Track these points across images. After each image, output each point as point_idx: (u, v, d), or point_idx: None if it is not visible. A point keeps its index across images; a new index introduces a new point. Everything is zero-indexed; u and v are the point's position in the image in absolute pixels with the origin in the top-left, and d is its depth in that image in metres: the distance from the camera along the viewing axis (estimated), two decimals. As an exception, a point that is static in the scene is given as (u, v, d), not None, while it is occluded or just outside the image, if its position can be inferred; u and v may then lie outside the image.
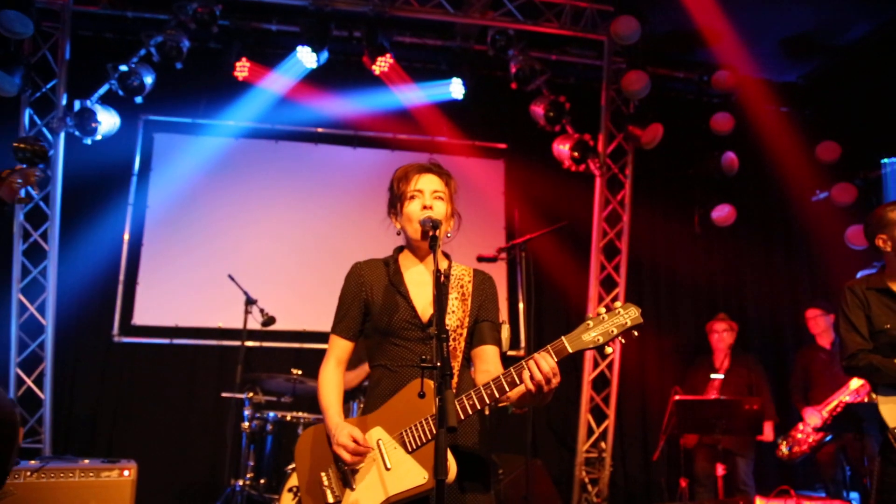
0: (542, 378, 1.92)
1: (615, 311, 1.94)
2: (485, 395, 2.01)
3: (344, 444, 2.09)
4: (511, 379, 1.99)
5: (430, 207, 2.23)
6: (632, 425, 6.62)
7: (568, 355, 1.94)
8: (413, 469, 2.02)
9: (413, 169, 2.33)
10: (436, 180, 2.31)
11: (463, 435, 2.16)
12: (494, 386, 2.01)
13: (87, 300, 5.98)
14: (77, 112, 5.57)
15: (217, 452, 5.65)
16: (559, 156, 6.33)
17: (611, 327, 1.92)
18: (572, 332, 1.95)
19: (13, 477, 3.89)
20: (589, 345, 1.92)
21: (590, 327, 1.93)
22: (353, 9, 5.94)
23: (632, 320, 1.92)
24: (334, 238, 6.32)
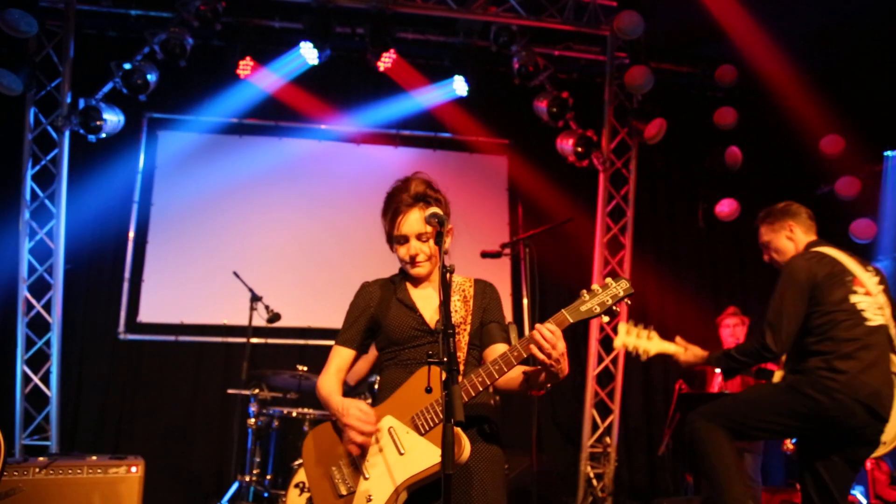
0: (547, 345, 1.99)
1: (608, 285, 2.08)
2: (493, 371, 2.08)
3: (356, 417, 2.12)
4: (517, 353, 2.06)
5: (415, 255, 2.32)
6: (636, 420, 6.64)
7: (569, 325, 2.05)
8: (428, 449, 2.05)
9: (395, 208, 2.33)
10: (416, 219, 2.30)
11: (475, 406, 2.20)
12: (502, 361, 2.07)
13: (92, 298, 6.03)
14: (81, 110, 5.59)
15: (223, 448, 5.68)
16: (562, 151, 6.33)
17: (605, 298, 2.06)
18: (570, 305, 2.07)
19: (21, 473, 3.91)
20: (587, 314, 2.05)
21: (586, 300, 2.07)
22: (356, 5, 5.94)
23: (623, 290, 2.07)
24: (338, 234, 6.33)
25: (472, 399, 2.09)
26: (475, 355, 2.35)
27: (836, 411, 3.06)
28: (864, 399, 3.04)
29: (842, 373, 3.08)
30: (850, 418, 3.05)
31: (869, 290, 3.27)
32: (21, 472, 3.92)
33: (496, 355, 2.19)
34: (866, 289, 3.27)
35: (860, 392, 3.05)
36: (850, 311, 3.21)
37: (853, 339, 3.15)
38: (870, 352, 3.13)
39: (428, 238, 2.32)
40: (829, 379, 3.09)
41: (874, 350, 3.15)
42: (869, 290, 3.27)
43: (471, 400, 2.09)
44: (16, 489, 3.81)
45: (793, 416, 3.15)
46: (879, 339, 3.19)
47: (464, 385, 2.08)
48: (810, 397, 3.10)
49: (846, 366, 3.10)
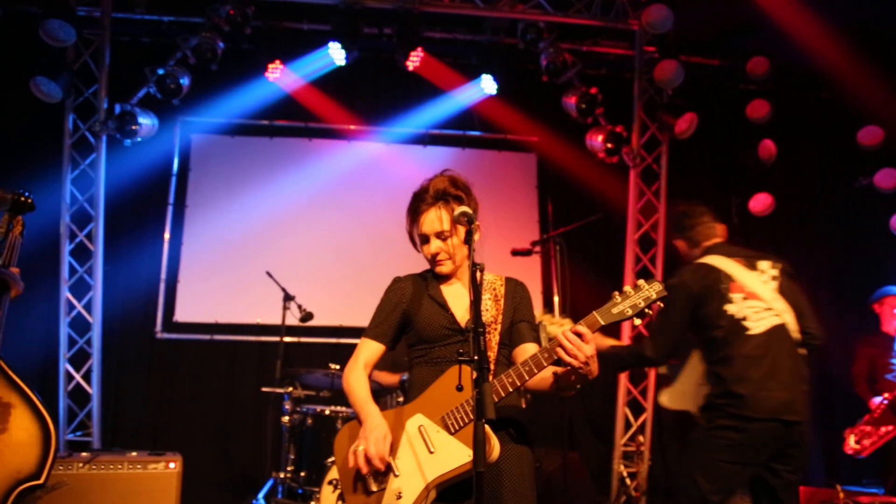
0: (574, 349, 1.98)
1: (640, 287, 2.07)
2: (523, 372, 2.08)
3: (375, 445, 2.12)
4: (547, 355, 2.06)
5: (436, 254, 2.34)
6: (670, 418, 6.55)
7: (600, 327, 2.05)
8: (458, 449, 2.07)
9: (415, 207, 2.36)
10: (435, 219, 2.32)
11: (504, 408, 2.20)
12: (532, 362, 2.08)
13: (131, 298, 6.17)
14: (118, 115, 5.73)
15: (258, 446, 5.77)
16: (592, 148, 6.28)
17: (637, 300, 2.04)
18: (602, 307, 2.07)
19: (66, 468, 4.04)
20: (618, 317, 2.05)
21: (618, 302, 2.06)
22: (383, 6, 5.97)
23: (656, 293, 2.05)
24: (369, 233, 6.37)
25: (501, 400, 2.09)
26: (505, 354, 2.35)
27: (754, 431, 2.99)
28: (772, 414, 2.98)
29: (739, 396, 3.02)
30: (768, 433, 3.00)
31: (752, 293, 3.17)
32: (66, 466, 4.05)
33: (526, 355, 2.19)
34: (747, 292, 3.17)
35: (764, 409, 2.99)
36: (729, 323, 3.13)
37: (741, 357, 3.08)
38: (760, 364, 3.05)
39: (448, 236, 2.32)
40: (731, 406, 3.04)
41: (765, 360, 3.05)
42: (752, 293, 3.17)
43: (500, 401, 2.09)
44: (61, 483, 3.94)
45: (730, 452, 3.05)
46: (770, 345, 3.09)
47: (493, 386, 2.08)
48: (725, 427, 3.05)
49: (742, 388, 3.03)
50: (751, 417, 2.99)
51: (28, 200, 2.68)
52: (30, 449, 2.33)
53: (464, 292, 2.39)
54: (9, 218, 2.66)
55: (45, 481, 2.32)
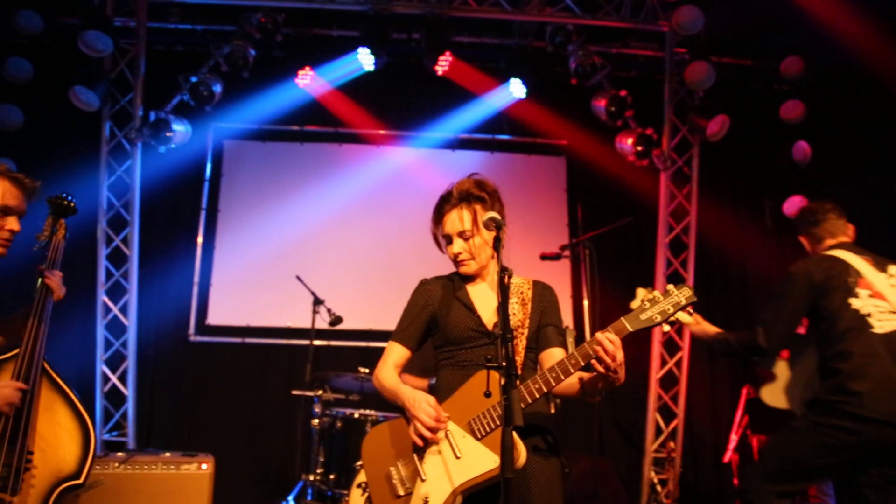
0: (606, 356, 1.97)
1: (669, 292, 2.06)
2: (550, 379, 2.07)
3: (426, 412, 2.15)
4: (575, 361, 2.05)
5: (458, 254, 2.36)
6: (702, 425, 6.46)
7: (628, 334, 2.03)
8: (484, 455, 2.06)
9: (439, 208, 2.39)
10: (456, 219, 2.34)
11: (532, 415, 2.20)
12: (559, 369, 2.07)
13: (165, 301, 6.29)
14: (152, 123, 5.86)
15: (288, 448, 5.82)
16: (622, 151, 6.24)
17: (666, 306, 2.03)
18: (630, 313, 2.05)
19: (103, 467, 4.13)
20: (647, 323, 2.03)
21: (646, 308, 2.04)
22: (411, 11, 6.01)
23: (686, 298, 2.04)
24: (398, 237, 6.40)
25: (528, 406, 2.08)
26: (532, 358, 2.35)
27: (865, 434, 2.90)
28: (887, 417, 2.88)
29: (856, 394, 2.93)
30: (880, 436, 2.90)
31: (879, 292, 3.08)
32: (102, 466, 4.15)
33: (553, 361, 2.19)
34: (874, 290, 3.09)
35: (881, 410, 2.89)
36: (852, 318, 3.04)
37: (861, 353, 2.98)
38: (881, 364, 2.95)
39: (470, 236, 2.33)
40: (846, 403, 2.95)
41: (886, 361, 2.95)
42: (879, 292, 3.08)
43: (527, 407, 2.08)
44: (98, 482, 4.03)
45: (830, 453, 2.98)
46: (893, 347, 2.99)
47: (520, 392, 2.08)
48: (835, 427, 2.96)
49: (860, 386, 2.93)
50: (866, 417, 2.90)
51: (71, 204, 2.75)
52: (70, 449, 2.39)
53: (491, 294, 2.39)
54: (52, 222, 2.73)
55: (84, 481, 2.37)
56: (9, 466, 2.23)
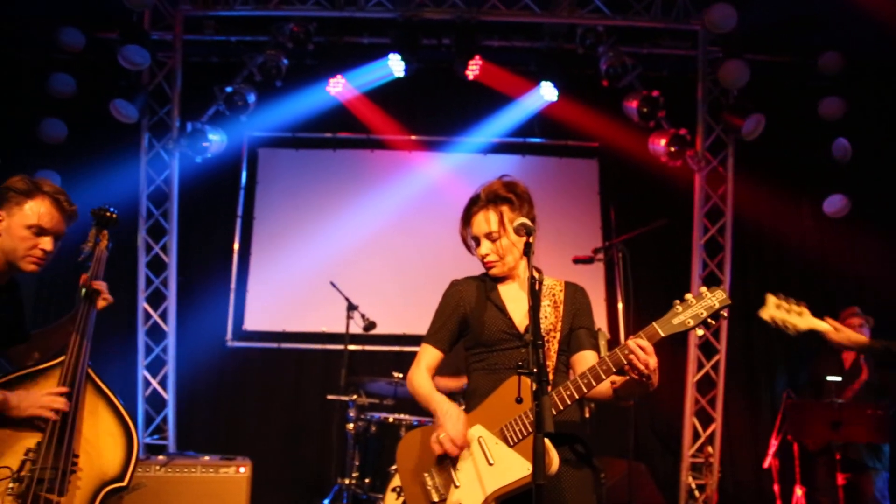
0: (639, 363, 1.95)
1: (702, 295, 2.01)
2: (582, 385, 2.06)
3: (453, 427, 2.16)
4: (606, 367, 2.03)
5: (485, 255, 2.35)
6: (740, 429, 6.34)
7: (660, 339, 1.99)
8: (516, 462, 2.05)
9: (466, 210, 2.40)
10: (483, 221, 2.34)
11: (564, 423, 2.17)
12: (591, 375, 2.05)
13: (203, 307, 6.41)
14: (189, 133, 5.99)
15: (324, 452, 5.88)
16: (655, 152, 6.17)
17: (700, 310, 1.99)
18: (662, 317, 2.02)
19: (145, 470, 4.23)
20: (680, 328, 1.99)
21: (679, 312, 2.01)
22: (441, 17, 6.04)
23: (720, 302, 1.99)
24: (430, 242, 6.42)
25: (559, 413, 2.07)
26: (563, 361, 2.33)
27: None
28: None
29: None
30: None
31: None
32: (144, 469, 4.26)
33: (584, 363, 2.17)
34: None
35: None
36: None
37: None
38: None
39: (497, 237, 2.32)
40: None
41: None
42: None
43: (559, 414, 2.06)
44: (140, 484, 4.13)
45: None
46: None
47: (552, 398, 2.07)
48: None
49: None
50: None
51: (113, 216, 2.83)
52: (114, 452, 2.45)
53: (522, 296, 2.36)
54: (95, 232, 2.81)
55: (128, 483, 2.43)
56: (56, 469, 2.30)
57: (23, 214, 2.47)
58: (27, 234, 2.47)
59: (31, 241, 2.48)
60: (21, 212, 2.47)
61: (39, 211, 2.49)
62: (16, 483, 2.26)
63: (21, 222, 2.47)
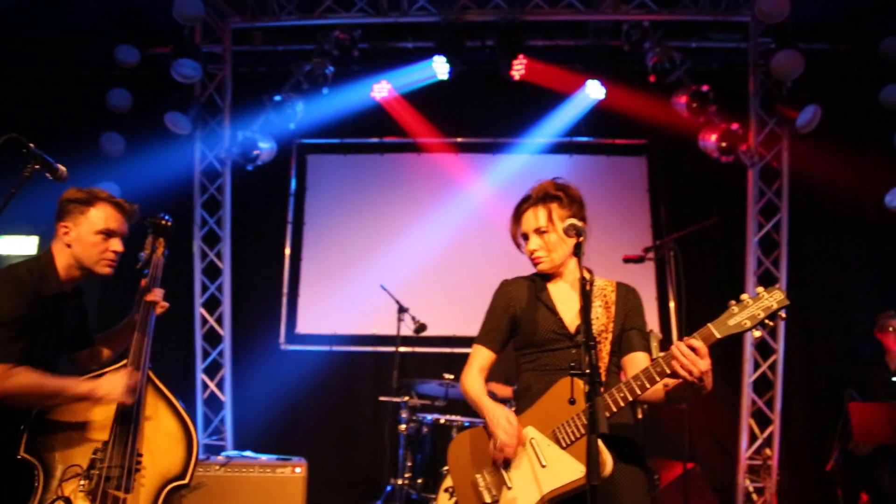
0: (690, 364, 1.92)
1: (760, 296, 1.95)
2: (635, 387, 2.04)
3: (504, 429, 2.17)
4: (660, 369, 2.00)
5: (534, 251, 2.37)
6: (800, 431, 6.13)
7: (716, 341, 1.95)
8: (570, 464, 2.05)
9: (518, 207, 2.43)
10: (532, 217, 2.37)
11: (617, 426, 2.16)
12: (644, 377, 2.03)
13: (256, 311, 6.57)
14: (240, 142, 6.15)
15: (377, 452, 5.95)
16: (706, 147, 6.03)
17: (757, 311, 1.93)
18: (717, 318, 1.97)
19: (205, 470, 4.36)
20: (736, 329, 1.94)
21: (734, 313, 1.96)
22: (485, 18, 6.04)
23: (777, 302, 1.93)
24: (479, 243, 6.41)
25: (613, 416, 2.05)
26: (615, 362, 2.32)
27: None
28: None
29: None
30: None
31: None
32: (205, 469, 4.39)
33: (636, 365, 2.15)
34: None
35: None
36: None
37: None
38: None
39: (545, 231, 2.33)
40: None
41: None
42: None
43: (612, 417, 2.05)
44: (201, 484, 4.26)
45: None
46: None
47: (605, 400, 2.05)
48: None
49: None
50: None
51: (168, 223, 2.95)
52: (176, 451, 2.55)
53: (573, 295, 2.36)
54: (152, 240, 2.93)
55: (189, 481, 2.52)
56: (121, 468, 2.40)
57: (89, 222, 2.60)
58: (98, 240, 2.60)
59: (103, 244, 2.61)
60: (87, 220, 2.60)
61: (104, 215, 2.62)
62: (86, 480, 2.37)
63: (90, 229, 2.59)
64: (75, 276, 2.62)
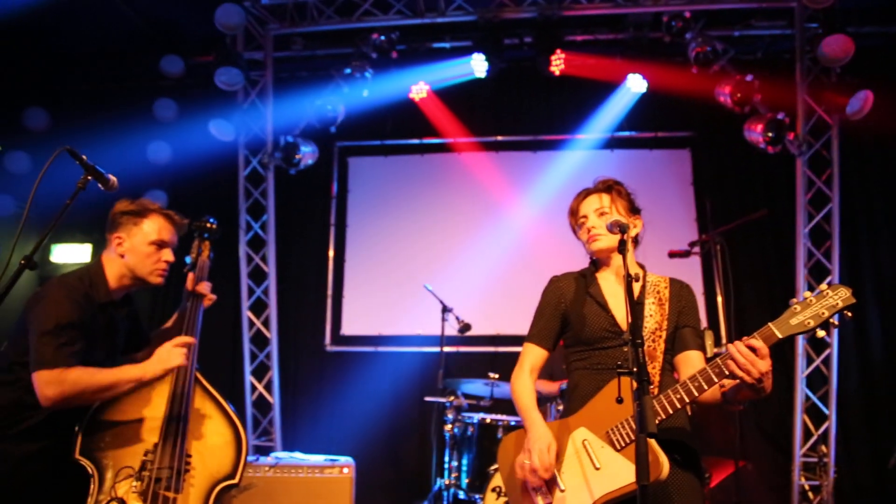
0: (749, 363, 1.86)
1: (823, 294, 1.88)
2: (692, 388, 1.98)
3: (539, 458, 2.13)
4: (718, 370, 1.94)
5: (592, 228, 2.34)
6: (858, 427, 5.92)
7: (777, 341, 1.88)
8: (625, 467, 1.99)
9: (576, 198, 2.44)
10: (595, 199, 2.38)
11: (672, 429, 2.12)
12: (702, 378, 1.97)
13: (302, 314, 6.67)
14: (282, 147, 6.24)
15: (423, 452, 5.97)
16: (751, 138, 5.87)
17: (821, 310, 1.86)
18: (778, 318, 1.90)
19: (254, 471, 4.44)
20: (798, 329, 1.87)
21: (797, 311, 1.88)
22: (523, 15, 6.00)
23: (843, 301, 1.86)
24: (521, 241, 6.38)
25: (669, 418, 2.00)
26: (669, 360, 2.27)
27: None
28: None
29: None
30: None
31: None
32: (254, 470, 4.47)
33: (689, 363, 2.10)
34: None
35: None
36: None
37: None
38: None
39: (605, 212, 2.33)
40: None
41: None
42: None
43: (669, 418, 1.99)
44: (251, 485, 4.34)
45: None
46: None
47: (660, 402, 2.01)
48: None
49: None
50: None
51: (213, 226, 3.02)
52: (225, 452, 2.59)
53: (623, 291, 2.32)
54: (198, 244, 3.00)
55: (239, 481, 2.57)
56: (171, 469, 2.46)
57: (143, 233, 2.67)
58: (151, 250, 2.68)
59: (156, 255, 2.69)
60: (140, 231, 2.67)
61: (157, 227, 2.70)
62: (138, 482, 2.43)
63: (143, 240, 2.67)
64: (126, 285, 2.70)
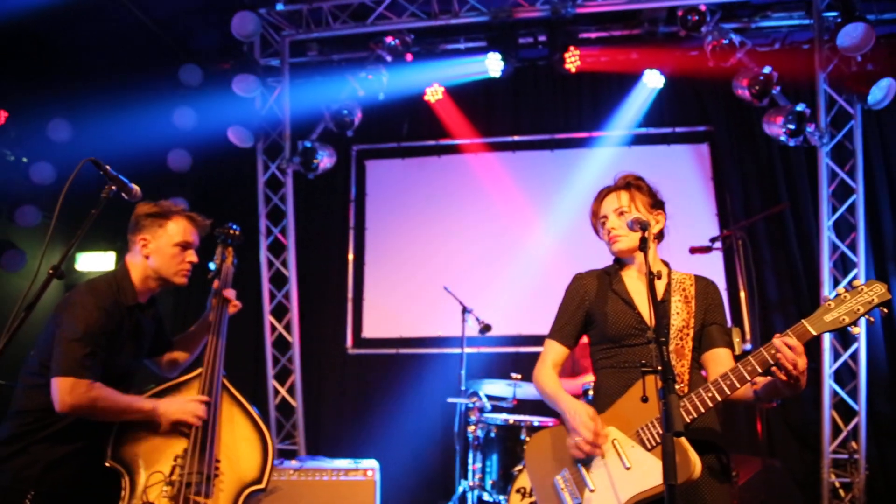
0: (788, 364, 1.84)
1: (858, 290, 1.86)
2: (724, 387, 1.97)
3: (585, 425, 2.12)
4: (751, 368, 1.93)
5: (612, 230, 2.33)
6: (889, 423, 5.82)
7: (811, 338, 1.87)
8: (655, 466, 1.97)
9: (596, 199, 2.43)
10: (614, 199, 2.37)
11: (703, 429, 2.10)
12: (734, 376, 1.96)
13: (323, 317, 6.70)
14: (300, 152, 6.28)
15: (447, 454, 5.96)
16: (771, 131, 5.81)
17: (856, 306, 1.83)
18: (812, 314, 1.88)
19: (279, 475, 4.47)
20: (833, 326, 1.85)
21: (831, 308, 1.86)
22: (533, 14, 5.99)
23: (878, 297, 1.83)
24: (540, 241, 6.36)
25: (701, 417, 1.98)
26: (697, 358, 2.25)
27: None
28: None
29: None
30: None
31: None
32: (279, 473, 4.50)
33: (718, 362, 2.08)
34: None
35: None
36: None
37: None
38: None
39: (625, 211, 2.31)
40: None
41: None
42: None
43: (700, 417, 1.97)
44: (276, 488, 4.38)
45: None
46: None
47: (692, 400, 1.99)
48: None
49: None
50: None
51: (236, 233, 3.05)
52: (252, 456, 2.62)
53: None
54: (221, 250, 3.03)
55: (266, 485, 2.59)
56: (200, 474, 2.49)
57: (168, 234, 2.71)
58: (176, 251, 2.71)
59: (180, 256, 2.72)
60: (165, 233, 2.71)
61: (181, 228, 2.73)
62: (168, 486, 2.46)
63: (168, 241, 2.70)
64: (151, 287, 2.74)
